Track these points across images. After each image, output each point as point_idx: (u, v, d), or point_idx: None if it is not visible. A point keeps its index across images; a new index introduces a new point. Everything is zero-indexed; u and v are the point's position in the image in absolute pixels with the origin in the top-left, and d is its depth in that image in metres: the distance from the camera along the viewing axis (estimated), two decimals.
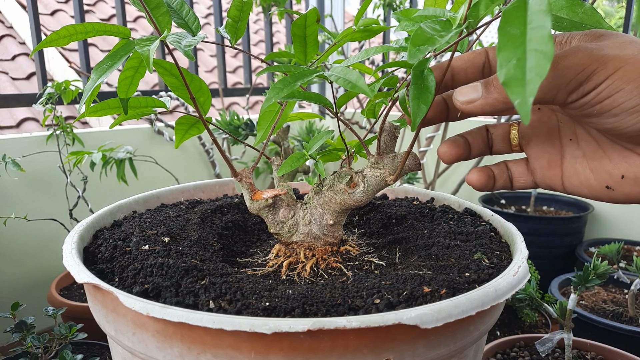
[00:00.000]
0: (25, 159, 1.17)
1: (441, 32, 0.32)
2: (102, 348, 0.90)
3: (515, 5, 0.27)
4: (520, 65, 0.25)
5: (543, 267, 1.30)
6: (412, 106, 0.34)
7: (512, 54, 0.25)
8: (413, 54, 0.31)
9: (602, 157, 0.39)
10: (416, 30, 0.32)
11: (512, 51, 0.25)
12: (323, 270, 0.46)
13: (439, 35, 0.32)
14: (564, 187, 0.42)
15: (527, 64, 0.25)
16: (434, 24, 0.33)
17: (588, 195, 0.41)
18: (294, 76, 0.37)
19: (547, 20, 0.25)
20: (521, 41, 0.25)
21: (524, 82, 0.24)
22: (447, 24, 0.33)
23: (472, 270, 0.42)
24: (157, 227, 0.51)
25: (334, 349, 0.32)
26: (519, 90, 0.24)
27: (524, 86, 0.24)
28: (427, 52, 0.31)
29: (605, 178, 0.39)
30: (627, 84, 0.32)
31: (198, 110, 0.42)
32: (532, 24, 0.26)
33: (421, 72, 0.35)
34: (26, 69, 2.76)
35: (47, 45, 0.38)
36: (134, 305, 0.34)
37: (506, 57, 0.26)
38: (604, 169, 0.39)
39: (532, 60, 0.25)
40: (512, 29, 0.26)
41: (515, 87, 0.25)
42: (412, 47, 0.32)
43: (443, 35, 0.32)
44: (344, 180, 0.45)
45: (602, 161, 0.39)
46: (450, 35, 0.32)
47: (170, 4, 0.41)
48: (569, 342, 0.77)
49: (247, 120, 1.23)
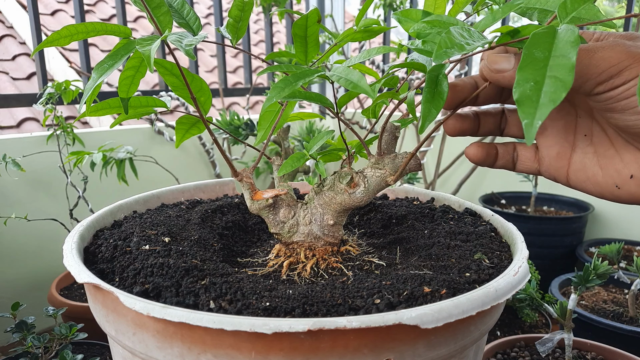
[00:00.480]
0: (26, 159, 1.17)
1: (468, 40, 0.33)
2: (103, 348, 0.90)
3: (545, 30, 0.27)
4: (537, 89, 0.25)
5: (543, 267, 1.30)
6: (423, 109, 0.34)
7: (531, 76, 0.26)
8: (439, 55, 0.32)
9: (613, 155, 0.39)
10: (446, 32, 0.32)
11: (532, 73, 0.26)
12: (323, 270, 0.46)
13: (466, 43, 0.32)
14: (569, 180, 0.42)
15: (543, 88, 0.25)
16: (463, 32, 0.33)
17: (593, 191, 0.41)
18: (296, 76, 0.37)
19: (573, 53, 0.26)
20: (543, 65, 0.26)
21: (536, 104, 0.25)
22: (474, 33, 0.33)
23: (473, 270, 0.42)
24: (157, 227, 0.51)
25: (334, 349, 0.32)
26: (530, 112, 0.25)
27: (535, 108, 0.25)
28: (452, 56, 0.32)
29: (613, 176, 0.39)
30: None
31: (198, 110, 0.42)
32: (557, 52, 0.26)
33: (436, 77, 0.35)
34: (26, 69, 2.76)
35: (48, 45, 0.38)
36: (135, 305, 0.34)
37: (525, 77, 0.26)
38: (614, 167, 0.39)
39: (549, 86, 0.25)
40: (537, 52, 0.27)
41: (527, 107, 0.25)
42: (440, 48, 0.32)
43: (469, 44, 0.32)
44: (345, 180, 0.45)
45: (613, 159, 0.39)
46: (478, 45, 0.32)
47: (171, 3, 0.41)
48: (569, 342, 0.77)
49: (247, 120, 1.23)
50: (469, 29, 0.34)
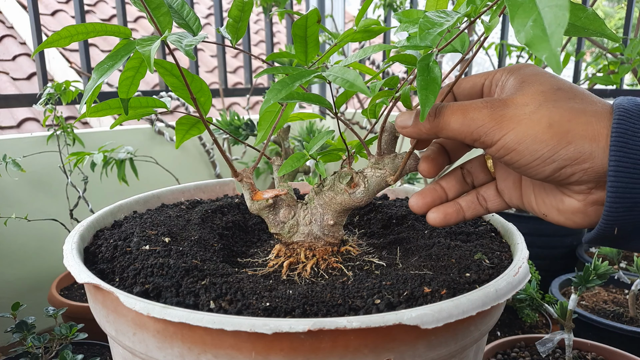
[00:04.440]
0: (26, 159, 1.17)
1: (446, 18, 0.34)
2: (103, 348, 0.90)
3: None
4: (539, 24, 0.26)
5: (543, 267, 1.30)
6: (420, 96, 0.34)
7: (526, 17, 0.26)
8: (424, 37, 0.33)
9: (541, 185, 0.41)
10: (423, 18, 0.34)
11: (526, 14, 0.26)
12: (323, 270, 0.46)
13: (445, 20, 0.34)
14: (524, 206, 0.43)
15: (544, 21, 0.25)
16: (439, 13, 0.35)
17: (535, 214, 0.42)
18: (293, 77, 0.37)
19: None
20: (531, 4, 0.26)
21: (546, 37, 0.25)
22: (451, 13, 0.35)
23: (473, 270, 0.42)
24: (157, 227, 0.51)
25: (335, 349, 0.32)
26: (544, 46, 0.25)
27: (547, 41, 0.25)
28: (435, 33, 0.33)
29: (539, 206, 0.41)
30: (517, 144, 0.34)
31: (199, 110, 0.42)
32: None
33: (427, 65, 0.36)
34: (27, 69, 2.77)
35: (49, 46, 0.38)
36: (135, 306, 0.34)
37: (521, 22, 0.26)
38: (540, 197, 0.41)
39: (549, 16, 0.25)
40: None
41: (540, 44, 0.25)
42: (421, 31, 0.33)
43: (448, 20, 0.34)
44: (345, 180, 0.45)
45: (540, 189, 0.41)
46: (455, 19, 0.33)
47: (171, 4, 0.41)
48: (570, 342, 0.77)
49: (247, 120, 1.23)
50: (444, 10, 0.35)
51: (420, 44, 0.34)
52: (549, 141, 0.34)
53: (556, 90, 0.35)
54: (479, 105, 0.36)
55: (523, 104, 0.35)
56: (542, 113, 0.34)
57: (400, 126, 0.41)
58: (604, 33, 0.35)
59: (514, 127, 0.35)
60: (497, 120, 0.35)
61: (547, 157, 0.34)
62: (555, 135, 0.34)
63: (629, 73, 1.26)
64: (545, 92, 0.35)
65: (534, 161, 0.35)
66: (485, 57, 1.79)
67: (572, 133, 0.33)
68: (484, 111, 0.36)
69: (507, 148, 0.35)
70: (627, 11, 1.44)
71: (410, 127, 0.40)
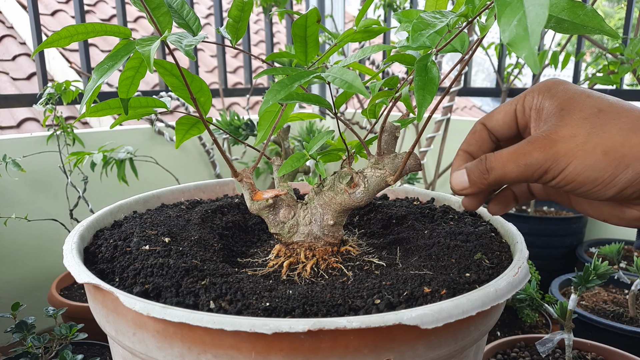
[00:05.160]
0: (26, 159, 1.17)
1: (441, 19, 0.34)
2: (103, 348, 0.90)
3: None
4: (522, 23, 0.26)
5: (543, 267, 1.30)
6: (417, 96, 0.34)
7: (512, 17, 0.27)
8: (416, 39, 0.33)
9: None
10: (417, 19, 0.34)
11: (512, 13, 0.27)
12: (323, 270, 0.46)
13: (440, 21, 0.34)
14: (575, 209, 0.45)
15: (527, 19, 0.26)
16: (434, 14, 0.35)
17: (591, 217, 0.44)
18: (291, 78, 0.37)
19: None
20: (519, 3, 0.27)
21: (527, 36, 0.26)
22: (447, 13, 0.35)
23: (473, 270, 0.42)
24: (157, 227, 0.51)
25: (335, 349, 0.32)
26: (524, 45, 0.26)
27: (527, 40, 0.26)
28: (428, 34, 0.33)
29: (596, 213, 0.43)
30: (578, 176, 0.36)
31: (198, 110, 0.42)
32: None
33: (425, 65, 0.36)
34: (27, 69, 2.76)
35: (49, 46, 0.38)
36: (135, 306, 0.34)
37: (507, 21, 0.27)
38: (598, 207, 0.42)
39: (532, 15, 0.26)
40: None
41: (520, 42, 0.26)
42: (414, 33, 0.33)
43: (442, 21, 0.34)
44: (345, 180, 0.45)
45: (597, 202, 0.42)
46: (450, 19, 0.34)
47: (171, 4, 0.41)
48: (570, 342, 0.77)
49: (247, 120, 1.23)
50: (440, 11, 0.35)
51: (413, 45, 0.34)
52: (607, 169, 0.35)
53: (598, 113, 0.36)
54: (528, 149, 0.37)
55: (571, 135, 0.36)
56: (594, 142, 0.35)
57: (458, 189, 0.42)
58: (603, 30, 0.35)
59: (571, 161, 0.36)
60: (553, 159, 0.36)
61: (607, 182, 0.35)
62: (612, 162, 0.35)
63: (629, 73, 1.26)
64: (589, 118, 0.36)
65: (595, 187, 0.36)
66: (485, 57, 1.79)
67: (629, 157, 0.35)
68: (535, 155, 0.37)
69: (568, 180, 0.36)
70: (627, 11, 1.44)
71: (469, 187, 0.41)
